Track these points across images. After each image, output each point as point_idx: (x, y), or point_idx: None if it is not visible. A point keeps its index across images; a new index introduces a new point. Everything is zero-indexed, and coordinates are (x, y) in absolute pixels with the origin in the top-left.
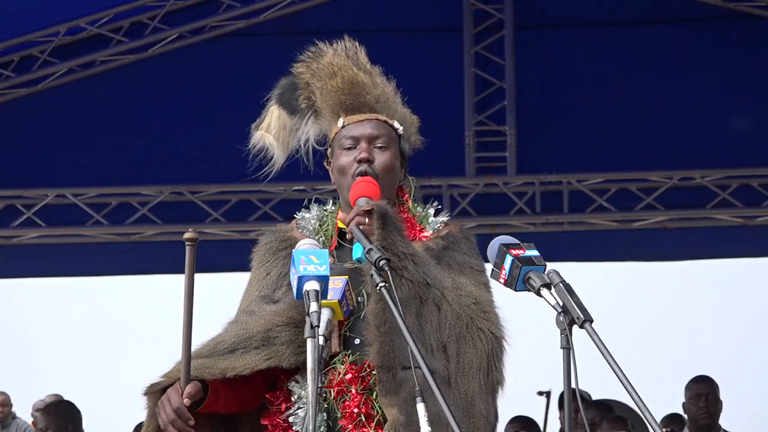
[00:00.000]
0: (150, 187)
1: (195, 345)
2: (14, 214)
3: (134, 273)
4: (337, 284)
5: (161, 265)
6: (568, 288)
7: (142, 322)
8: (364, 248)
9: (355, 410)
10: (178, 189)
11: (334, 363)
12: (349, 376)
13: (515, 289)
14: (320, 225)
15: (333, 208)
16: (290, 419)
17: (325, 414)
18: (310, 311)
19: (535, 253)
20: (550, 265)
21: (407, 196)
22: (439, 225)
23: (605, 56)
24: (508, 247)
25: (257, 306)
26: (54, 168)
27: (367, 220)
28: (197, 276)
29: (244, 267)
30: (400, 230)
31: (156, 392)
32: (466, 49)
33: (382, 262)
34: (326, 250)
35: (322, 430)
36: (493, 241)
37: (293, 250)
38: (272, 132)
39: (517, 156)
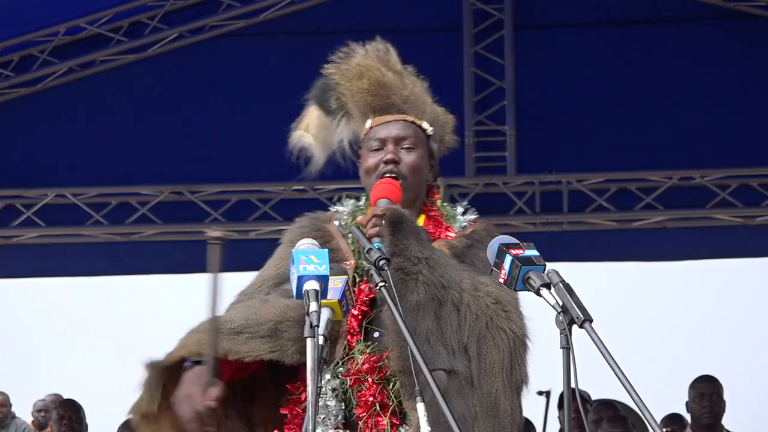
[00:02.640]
0: (149, 186)
1: (201, 319)
2: (14, 213)
3: (134, 273)
4: (336, 284)
5: (161, 265)
6: (568, 288)
7: (142, 322)
8: (363, 248)
9: (370, 399)
10: (178, 189)
11: (353, 353)
12: (366, 366)
13: (515, 289)
14: (350, 219)
15: (363, 204)
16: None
17: (342, 403)
18: (310, 311)
19: (534, 252)
20: (550, 265)
21: (437, 195)
22: (466, 223)
23: (605, 56)
24: (507, 246)
25: (273, 292)
26: (53, 168)
27: (383, 222)
28: (198, 276)
29: (244, 267)
30: (416, 233)
31: (157, 369)
32: (466, 49)
33: (381, 262)
34: (326, 250)
35: (339, 418)
36: (492, 240)
37: (293, 250)
38: (312, 131)
39: (516, 156)
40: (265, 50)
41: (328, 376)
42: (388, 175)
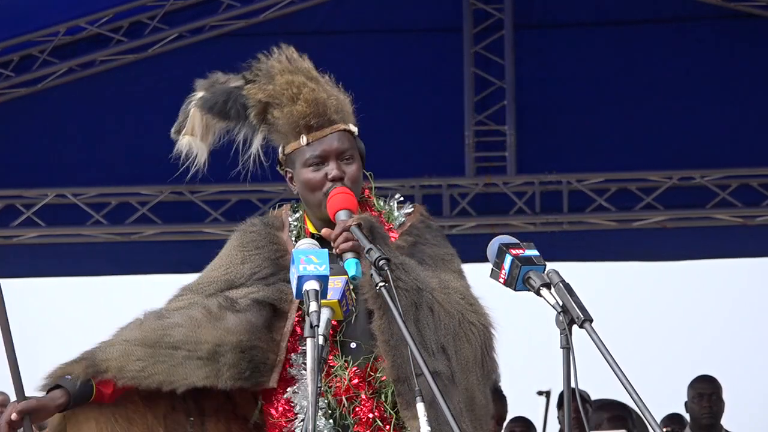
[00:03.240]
0: (150, 186)
1: (142, 316)
2: (14, 213)
3: (134, 273)
4: (336, 284)
5: (161, 265)
6: (568, 288)
7: None
8: (364, 248)
9: (370, 415)
10: (178, 189)
11: (336, 370)
12: (355, 381)
13: (515, 289)
14: (295, 230)
15: (299, 214)
16: (296, 431)
17: (331, 421)
18: (310, 311)
19: (534, 252)
20: (550, 265)
21: (368, 191)
22: (403, 218)
23: (605, 56)
24: (507, 246)
25: (217, 305)
26: (53, 168)
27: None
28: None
29: None
30: (386, 240)
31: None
32: (466, 49)
33: (381, 262)
34: (326, 250)
35: None
36: (492, 240)
37: (293, 250)
38: (197, 133)
39: (516, 156)
40: (265, 50)
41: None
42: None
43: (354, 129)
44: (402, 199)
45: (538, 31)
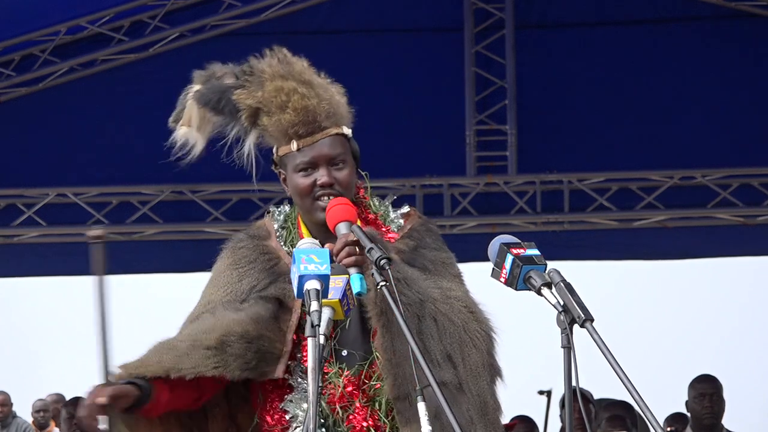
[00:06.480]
0: (150, 186)
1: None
2: (15, 213)
3: (135, 272)
4: (338, 283)
5: (162, 264)
6: (569, 287)
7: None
8: (365, 247)
9: (364, 424)
10: (179, 188)
11: (330, 377)
12: (349, 388)
13: (516, 289)
14: (285, 233)
15: (290, 210)
16: None
17: (324, 429)
18: (311, 310)
19: (535, 252)
20: (551, 264)
21: (363, 191)
22: (401, 220)
23: (606, 55)
24: (508, 246)
25: (221, 310)
26: (54, 167)
27: (357, 249)
28: (200, 275)
29: None
30: (387, 251)
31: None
32: (467, 49)
33: (383, 261)
34: (327, 249)
35: None
36: (493, 240)
37: (294, 249)
38: (194, 125)
39: (517, 155)
40: (265, 50)
41: (305, 405)
42: (325, 198)
43: (347, 131)
44: (395, 199)
45: (539, 30)
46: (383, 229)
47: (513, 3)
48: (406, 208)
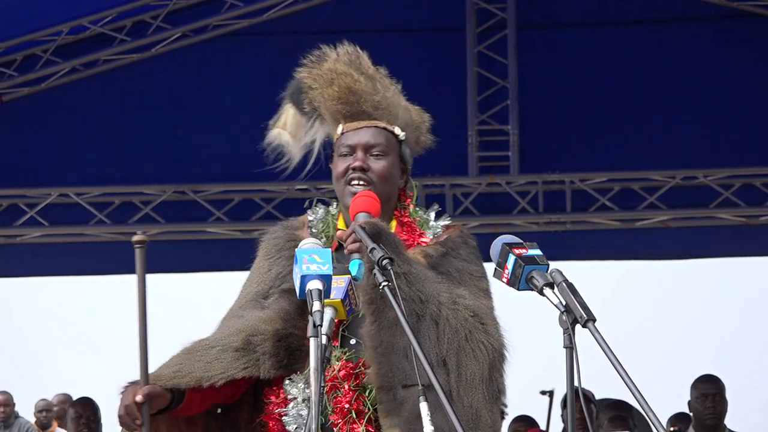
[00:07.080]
0: (153, 186)
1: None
2: (17, 213)
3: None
4: (340, 283)
5: (164, 265)
6: (571, 287)
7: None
8: (367, 247)
9: (346, 406)
10: (181, 188)
11: (331, 361)
12: (342, 372)
13: (518, 289)
14: (322, 226)
15: (335, 210)
16: (284, 419)
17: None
18: (313, 310)
19: (537, 252)
20: (553, 265)
21: (409, 200)
22: (439, 229)
23: (608, 56)
24: (510, 246)
25: (249, 308)
26: (57, 167)
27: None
28: (201, 275)
29: (247, 266)
30: (397, 246)
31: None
32: (469, 49)
33: (384, 261)
34: (329, 249)
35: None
36: (495, 240)
37: (296, 249)
38: (289, 129)
39: (519, 155)
40: (267, 50)
41: (302, 384)
42: (355, 182)
43: (398, 132)
44: (441, 210)
45: (541, 30)
46: (417, 234)
47: (515, 3)
48: (447, 220)
